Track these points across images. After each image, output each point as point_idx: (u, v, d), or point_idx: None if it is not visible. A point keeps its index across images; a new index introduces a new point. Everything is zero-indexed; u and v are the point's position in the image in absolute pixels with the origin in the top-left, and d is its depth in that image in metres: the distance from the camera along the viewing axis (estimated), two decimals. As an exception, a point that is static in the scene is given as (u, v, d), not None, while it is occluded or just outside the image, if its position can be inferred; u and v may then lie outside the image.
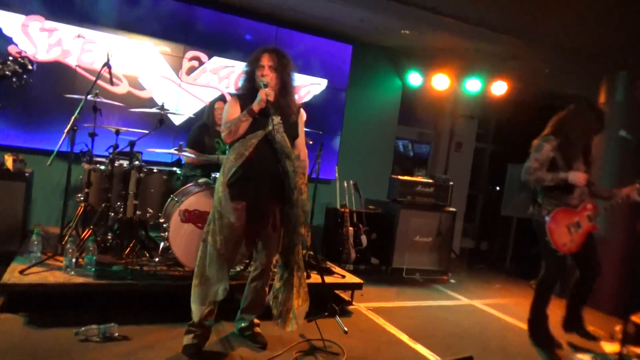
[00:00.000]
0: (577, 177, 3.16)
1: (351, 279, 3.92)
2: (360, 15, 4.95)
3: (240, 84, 2.78)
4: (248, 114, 2.56)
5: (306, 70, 5.57)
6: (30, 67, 2.09)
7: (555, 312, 3.43)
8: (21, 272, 3.02)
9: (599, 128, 3.37)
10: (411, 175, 7.16)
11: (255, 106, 2.57)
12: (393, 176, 5.35)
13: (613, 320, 4.23)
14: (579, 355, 3.17)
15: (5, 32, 4.31)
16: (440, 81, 6.10)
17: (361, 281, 3.89)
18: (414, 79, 6.09)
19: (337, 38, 5.71)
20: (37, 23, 4.41)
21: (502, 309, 4.34)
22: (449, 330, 3.63)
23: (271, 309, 2.72)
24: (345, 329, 3.22)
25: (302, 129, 2.83)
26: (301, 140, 2.82)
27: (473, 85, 6.24)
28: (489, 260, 6.94)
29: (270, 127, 2.56)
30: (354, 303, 3.90)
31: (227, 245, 2.60)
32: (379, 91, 6.20)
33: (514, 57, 5.58)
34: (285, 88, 2.68)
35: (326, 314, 3.21)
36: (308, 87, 5.64)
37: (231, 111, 2.68)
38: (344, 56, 5.82)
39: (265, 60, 2.64)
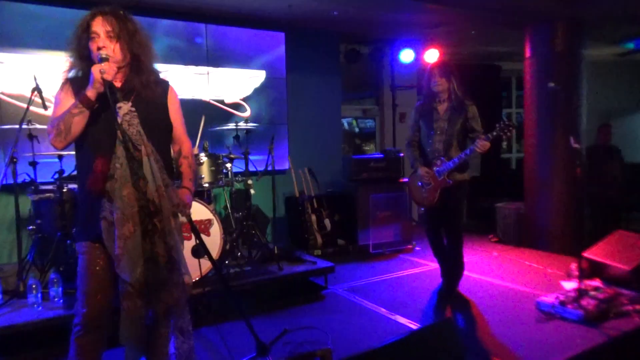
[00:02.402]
0: None
1: (323, 263, 4.00)
2: (286, 1, 4.94)
3: (68, 62, 1.99)
4: (81, 103, 1.82)
5: (243, 63, 5.52)
6: None
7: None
8: (-16, 317, 2.89)
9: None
10: (360, 151, 7.29)
11: (90, 91, 1.82)
12: (345, 156, 5.45)
13: (566, 259, 4.57)
14: (544, 298, 3.40)
15: None
16: (376, 55, 6.22)
17: (332, 264, 3.98)
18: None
19: (269, 27, 5.67)
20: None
21: (467, 267, 4.56)
22: (423, 296, 3.80)
23: None
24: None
25: (177, 114, 2.14)
26: (180, 130, 2.16)
27: (407, 55, 6.40)
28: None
29: (119, 119, 1.86)
30: (329, 287, 3.99)
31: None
32: (319, 74, 6.24)
33: (441, 24, 5.76)
34: (138, 64, 1.98)
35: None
36: (247, 80, 5.60)
37: (60, 103, 1.93)
38: (278, 44, 5.80)
39: (99, 26, 1.88)
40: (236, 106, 5.49)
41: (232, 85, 5.46)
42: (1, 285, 3.18)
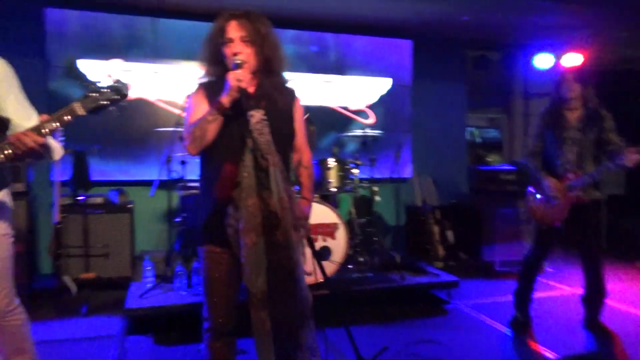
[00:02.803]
0: None
1: (446, 277, 3.89)
2: (417, 8, 4.90)
3: (201, 66, 2.00)
4: (216, 110, 1.81)
5: (369, 71, 5.59)
6: (125, 91, 1.80)
7: None
8: (141, 296, 3.28)
9: None
10: (482, 162, 6.96)
11: (225, 98, 1.80)
12: (471, 166, 5.25)
13: None
14: None
15: (91, 78, 4.66)
16: (507, 61, 5.90)
17: (457, 278, 3.86)
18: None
19: (396, 35, 5.68)
20: (117, 66, 4.74)
21: (612, 296, 4.12)
22: (558, 323, 3.50)
23: None
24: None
25: (300, 123, 2.08)
26: (301, 140, 2.10)
27: (543, 61, 5.97)
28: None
29: (250, 127, 1.82)
30: (451, 302, 3.87)
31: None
32: (444, 82, 6.10)
33: (586, 26, 5.30)
34: (269, 67, 1.94)
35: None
36: (373, 88, 5.65)
37: (194, 108, 1.92)
38: (406, 52, 5.78)
39: (234, 31, 1.87)
40: (361, 113, 5.58)
41: (358, 92, 5.56)
42: (154, 270, 3.57)
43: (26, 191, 3.80)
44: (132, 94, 4.71)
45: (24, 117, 1.89)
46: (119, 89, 1.75)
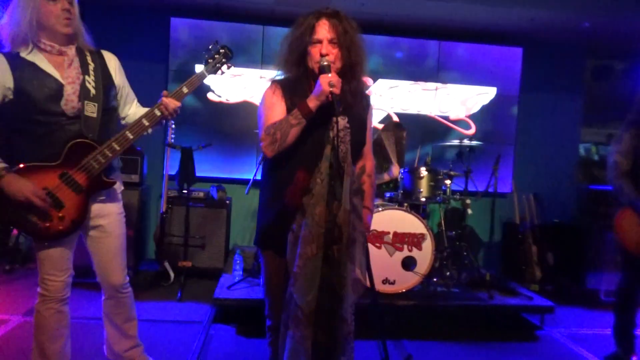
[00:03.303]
0: None
1: (540, 301, 3.62)
2: (530, 14, 4.62)
3: (281, 63, 1.91)
4: (301, 114, 1.75)
5: (472, 79, 5.38)
6: (230, 53, 2.27)
7: None
8: (229, 287, 3.49)
9: None
10: (598, 181, 6.34)
11: (313, 101, 1.74)
12: (582, 185, 4.82)
13: None
14: None
15: (205, 82, 5.05)
16: (634, 71, 5.33)
17: (552, 303, 3.57)
18: None
19: (504, 42, 5.40)
20: (228, 71, 5.09)
21: None
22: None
23: None
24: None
25: (370, 132, 2.04)
26: (368, 147, 2.04)
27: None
28: None
29: (331, 135, 1.76)
30: (544, 328, 3.59)
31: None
32: (557, 93, 5.67)
33: None
34: (352, 72, 1.86)
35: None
36: (475, 97, 5.43)
37: (273, 107, 1.85)
38: (514, 61, 5.47)
39: (324, 32, 1.80)
40: (461, 122, 5.39)
41: (459, 101, 5.38)
42: (243, 264, 3.77)
43: (140, 182, 4.21)
44: (238, 97, 5.10)
45: (134, 103, 2.28)
46: (226, 51, 2.29)
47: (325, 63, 1.77)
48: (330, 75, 1.74)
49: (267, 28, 5.08)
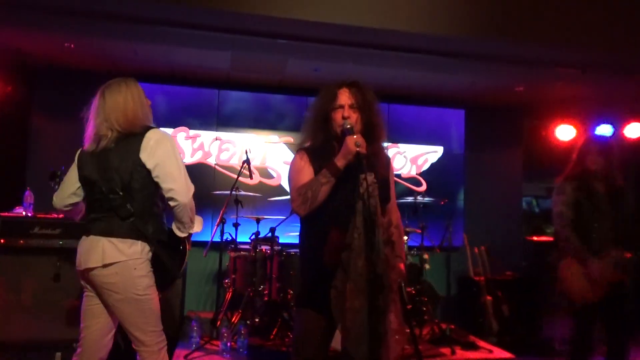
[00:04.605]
0: None
1: (500, 353, 3.67)
2: (469, 79, 5.00)
3: (305, 132, 2.13)
4: (330, 173, 1.89)
5: (421, 139, 5.67)
6: None
7: None
8: (185, 357, 3.32)
9: None
10: (541, 233, 6.67)
11: (341, 160, 1.89)
12: (527, 238, 5.05)
13: None
14: None
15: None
16: (565, 132, 5.79)
17: (511, 355, 3.63)
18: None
19: (449, 105, 5.77)
20: (183, 133, 5.12)
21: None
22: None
23: None
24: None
25: (393, 185, 2.21)
26: (393, 202, 2.19)
27: (603, 131, 5.81)
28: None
29: (361, 190, 1.85)
30: (506, 380, 3.62)
31: None
32: (499, 151, 6.04)
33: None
34: (372, 133, 2.04)
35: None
36: (425, 155, 5.69)
37: (301, 170, 2.01)
38: (458, 122, 5.83)
39: (345, 98, 2.02)
40: (412, 180, 5.60)
41: (410, 160, 5.61)
42: (200, 330, 3.63)
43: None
44: (193, 159, 5.09)
45: None
46: None
47: (348, 126, 1.95)
48: (355, 136, 1.89)
49: (222, 92, 5.20)
